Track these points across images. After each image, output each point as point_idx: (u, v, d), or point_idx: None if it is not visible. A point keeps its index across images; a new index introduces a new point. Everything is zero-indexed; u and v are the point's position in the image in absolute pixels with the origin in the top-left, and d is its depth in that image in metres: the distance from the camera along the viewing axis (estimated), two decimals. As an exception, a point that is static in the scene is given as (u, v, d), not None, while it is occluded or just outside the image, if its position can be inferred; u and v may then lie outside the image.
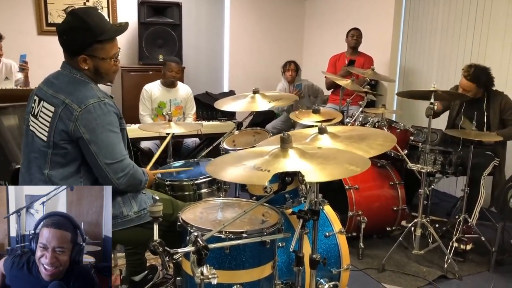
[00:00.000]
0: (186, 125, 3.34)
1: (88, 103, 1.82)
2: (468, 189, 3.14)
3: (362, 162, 1.62)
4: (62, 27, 1.88)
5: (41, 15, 4.84)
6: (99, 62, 1.90)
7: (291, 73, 4.91)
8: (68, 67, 1.91)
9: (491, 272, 2.98)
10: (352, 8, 5.50)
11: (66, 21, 1.88)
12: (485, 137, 3.15)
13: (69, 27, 1.86)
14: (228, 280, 1.70)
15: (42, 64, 4.42)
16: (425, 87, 3.74)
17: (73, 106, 1.81)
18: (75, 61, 1.89)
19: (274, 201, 2.01)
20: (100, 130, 1.82)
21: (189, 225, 1.75)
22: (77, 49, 1.87)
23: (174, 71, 4.21)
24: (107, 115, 1.85)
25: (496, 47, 4.00)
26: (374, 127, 3.36)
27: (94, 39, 1.85)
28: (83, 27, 1.83)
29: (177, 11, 5.03)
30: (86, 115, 1.81)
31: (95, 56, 1.88)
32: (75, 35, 1.86)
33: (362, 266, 3.02)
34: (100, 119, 1.83)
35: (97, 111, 1.82)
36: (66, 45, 1.90)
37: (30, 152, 1.93)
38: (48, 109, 1.86)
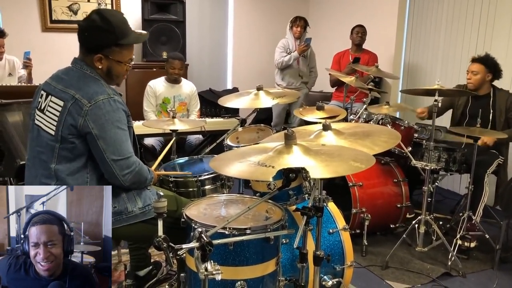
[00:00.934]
0: (190, 122, 3.35)
1: (98, 99, 1.84)
2: (473, 187, 3.13)
3: (367, 159, 1.62)
4: (86, 24, 1.91)
5: (45, 12, 4.85)
6: (113, 64, 1.93)
7: (300, 29, 4.79)
8: (80, 63, 1.93)
9: (495, 269, 2.97)
10: (356, 5, 5.48)
11: (91, 19, 1.90)
12: (489, 135, 3.14)
13: (94, 26, 1.88)
14: (232, 276, 1.70)
15: (46, 60, 4.44)
16: (429, 84, 3.73)
17: (82, 101, 1.83)
18: (90, 58, 1.91)
19: (278, 198, 2.01)
20: (109, 126, 1.84)
21: (193, 221, 1.75)
22: (96, 47, 1.90)
23: (176, 68, 4.20)
24: (116, 112, 1.87)
25: (501, 45, 3.97)
26: (378, 124, 3.35)
27: (115, 42, 1.89)
28: (106, 28, 1.86)
29: (180, 8, 5.02)
30: (96, 110, 1.83)
31: (111, 58, 1.91)
32: (97, 34, 1.88)
33: (366, 263, 3.02)
34: (110, 116, 1.85)
35: (106, 107, 1.84)
36: (85, 41, 1.92)
37: (35, 147, 1.95)
38: (57, 104, 1.87)
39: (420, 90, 3.41)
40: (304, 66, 4.92)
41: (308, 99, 5.08)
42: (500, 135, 3.08)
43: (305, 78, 4.95)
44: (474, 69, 3.42)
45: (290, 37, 4.84)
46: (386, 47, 5.02)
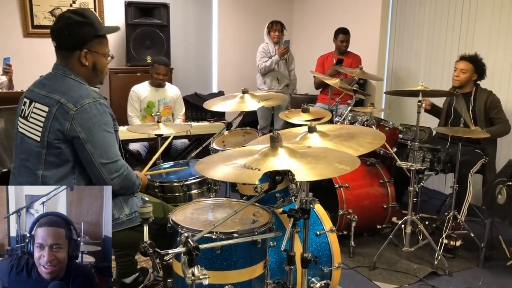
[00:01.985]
0: (175, 126, 3.33)
1: (84, 102, 1.83)
2: (457, 186, 3.17)
3: (352, 161, 1.62)
4: (63, 23, 1.90)
5: (27, 17, 4.78)
6: (97, 58, 1.94)
7: (277, 33, 4.83)
8: (61, 68, 1.92)
9: (480, 267, 3.00)
10: (340, 8, 5.52)
11: (66, 17, 1.90)
12: (473, 134, 3.18)
13: (72, 22, 1.88)
14: (220, 280, 1.69)
15: (28, 66, 4.38)
16: (413, 85, 3.76)
17: (68, 106, 1.81)
18: (72, 59, 1.90)
19: (265, 201, 2.00)
20: (96, 129, 1.83)
21: (179, 226, 1.74)
22: (78, 43, 1.89)
23: (161, 74, 4.18)
24: (103, 115, 1.86)
25: (481, 46, 4.03)
26: (363, 125, 3.37)
27: (95, 33, 1.91)
28: (85, 21, 1.88)
29: (164, 12, 5.00)
30: (82, 114, 1.81)
31: (94, 51, 1.92)
32: (78, 29, 1.89)
33: (353, 264, 3.03)
34: (96, 119, 1.84)
35: (93, 111, 1.83)
36: (67, 40, 1.91)
37: (19, 154, 1.94)
38: (41, 109, 1.86)
39: (404, 91, 3.44)
40: (285, 70, 4.97)
41: (294, 101, 5.10)
42: (484, 135, 3.13)
43: (286, 81, 4.99)
44: (463, 67, 3.49)
45: (269, 42, 4.88)
46: (370, 49, 5.07)
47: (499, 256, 3.13)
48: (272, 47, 4.86)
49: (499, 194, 2.78)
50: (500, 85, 3.90)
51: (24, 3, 4.75)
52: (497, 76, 3.93)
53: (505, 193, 2.72)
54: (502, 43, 3.92)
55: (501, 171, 2.89)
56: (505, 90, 3.88)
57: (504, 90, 3.88)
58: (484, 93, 3.51)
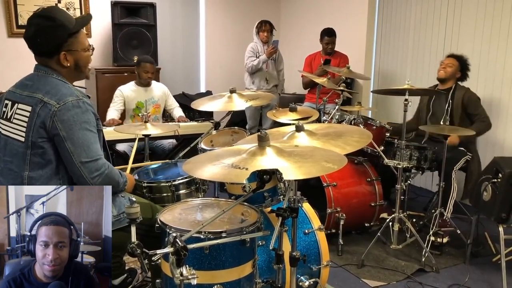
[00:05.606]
0: (162, 126, 3.31)
1: (66, 100, 1.81)
2: (444, 184, 3.20)
3: (339, 159, 1.63)
4: (34, 31, 1.87)
5: (11, 17, 4.71)
6: (78, 55, 1.92)
7: (266, 33, 4.82)
8: (43, 68, 1.90)
9: (467, 264, 3.04)
10: (327, 8, 5.54)
11: (35, 24, 1.86)
12: (459, 132, 3.21)
13: (42, 29, 1.85)
14: (209, 280, 1.69)
15: (12, 66, 4.33)
16: (399, 84, 3.81)
17: (51, 103, 1.80)
18: (53, 61, 1.88)
19: (253, 200, 2.01)
20: (77, 127, 1.81)
21: (167, 226, 1.73)
22: (55, 48, 1.87)
23: (149, 71, 4.16)
24: (85, 114, 1.85)
25: (466, 46, 4.09)
26: (351, 124, 3.39)
27: (68, 33, 1.87)
28: (55, 25, 1.84)
29: (151, 12, 4.97)
30: (64, 111, 1.80)
31: (74, 50, 1.89)
32: (50, 35, 1.85)
33: (342, 262, 3.05)
34: (78, 117, 1.82)
35: (75, 109, 1.82)
36: (42, 47, 1.88)
37: (3, 157, 1.92)
38: (25, 110, 1.84)
39: (391, 90, 3.48)
40: (274, 69, 4.97)
41: (282, 101, 5.11)
42: (470, 133, 3.16)
43: (275, 81, 4.99)
44: (450, 62, 3.63)
45: (258, 41, 4.88)
46: (357, 49, 5.10)
47: (485, 252, 3.18)
48: (261, 47, 4.86)
49: (485, 191, 2.81)
50: (485, 85, 3.96)
51: (8, 3, 4.68)
52: (482, 76, 3.99)
53: (490, 190, 2.76)
54: (486, 43, 3.97)
55: (486, 168, 2.92)
56: (490, 89, 3.94)
57: (489, 89, 3.94)
58: (461, 90, 3.61)
